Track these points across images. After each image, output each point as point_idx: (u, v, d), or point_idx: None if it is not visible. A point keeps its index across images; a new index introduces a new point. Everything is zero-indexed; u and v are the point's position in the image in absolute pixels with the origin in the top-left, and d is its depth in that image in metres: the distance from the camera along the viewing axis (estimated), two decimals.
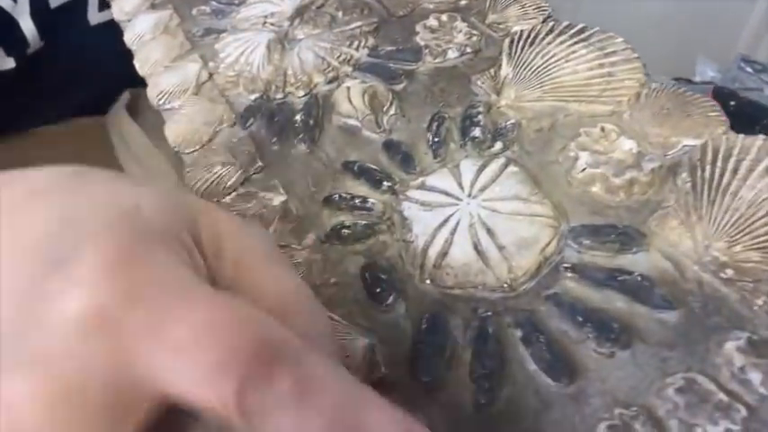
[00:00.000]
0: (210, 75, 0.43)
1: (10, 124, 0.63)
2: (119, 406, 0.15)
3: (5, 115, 0.61)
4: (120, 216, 0.17)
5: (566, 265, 0.27)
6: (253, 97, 0.40)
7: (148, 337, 0.15)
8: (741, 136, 0.29)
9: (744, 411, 0.22)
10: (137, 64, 0.46)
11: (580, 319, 0.25)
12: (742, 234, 0.26)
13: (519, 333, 0.26)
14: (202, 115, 0.40)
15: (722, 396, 0.22)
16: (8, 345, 0.15)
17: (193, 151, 0.39)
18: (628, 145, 0.30)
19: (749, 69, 0.92)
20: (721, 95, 0.73)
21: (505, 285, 0.27)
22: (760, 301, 0.25)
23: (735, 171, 0.28)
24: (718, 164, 0.29)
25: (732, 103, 0.70)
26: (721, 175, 0.28)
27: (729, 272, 0.26)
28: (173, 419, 0.17)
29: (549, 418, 0.24)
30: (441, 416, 0.25)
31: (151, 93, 0.43)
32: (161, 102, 0.42)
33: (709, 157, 0.29)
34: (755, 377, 0.23)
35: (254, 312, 0.16)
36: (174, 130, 0.40)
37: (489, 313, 0.27)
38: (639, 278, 0.26)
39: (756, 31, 1.04)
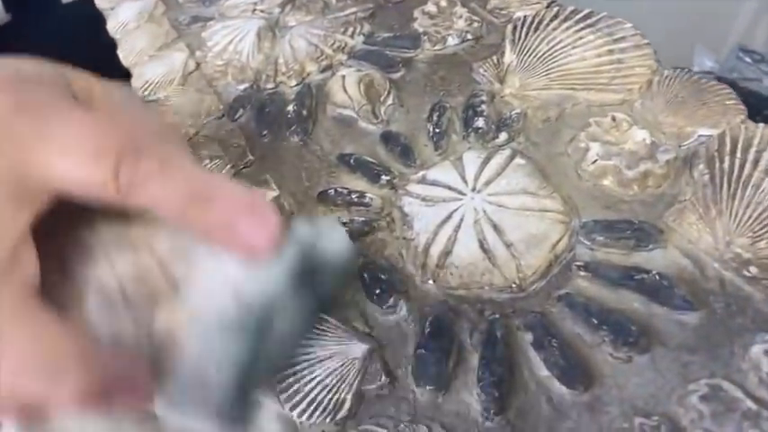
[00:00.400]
0: (198, 64, 0.41)
1: None
2: (15, 197, 0.19)
3: None
4: (2, 71, 0.21)
5: (578, 263, 0.26)
6: (242, 87, 0.38)
7: (37, 140, 0.19)
8: (761, 125, 0.28)
9: None
10: (120, 54, 0.44)
11: (595, 321, 0.24)
12: (767, 229, 0.24)
13: (529, 337, 0.24)
14: (189, 106, 0.38)
15: (750, 404, 0.21)
16: None
17: None
18: (640, 135, 0.29)
19: (748, 59, 0.91)
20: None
21: (514, 285, 0.26)
22: None
23: (756, 162, 0.26)
24: (738, 155, 0.27)
25: None
26: (741, 167, 0.27)
27: (753, 269, 0.24)
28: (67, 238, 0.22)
29: (564, 427, 0.22)
30: (447, 427, 0.23)
31: (136, 83, 0.41)
32: (146, 93, 0.40)
33: (728, 147, 0.27)
34: None
35: (121, 121, 0.22)
36: None
37: (497, 315, 0.25)
38: (657, 277, 0.24)
39: (751, 20, 1.03)
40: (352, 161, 0.32)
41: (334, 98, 0.35)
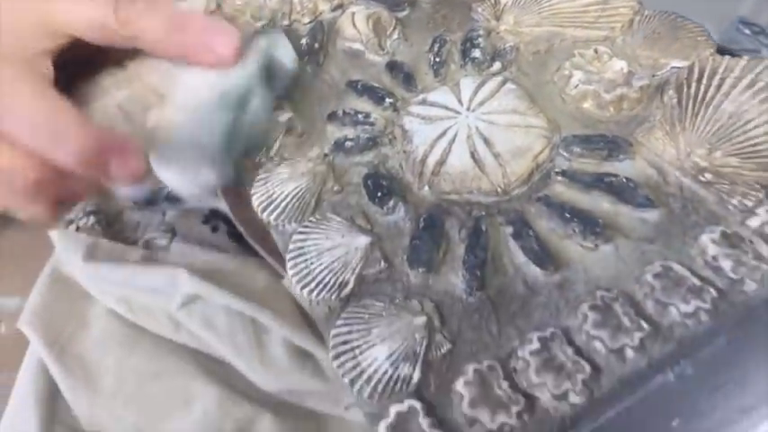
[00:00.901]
0: (219, 4, 0.44)
1: None
2: (42, 33, 0.27)
3: None
4: None
5: (556, 170, 0.29)
6: (259, 24, 0.42)
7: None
8: (727, 57, 0.31)
9: (714, 293, 0.24)
10: None
11: (567, 215, 0.27)
12: (722, 141, 0.28)
13: (509, 230, 0.28)
14: None
15: (695, 281, 0.24)
16: None
17: None
18: (619, 65, 0.32)
19: (747, 31, 0.93)
20: (719, 53, 0.73)
21: (499, 189, 0.29)
22: (735, 201, 0.26)
23: (719, 87, 0.30)
24: (704, 81, 0.30)
25: None
26: (705, 91, 0.30)
27: (708, 176, 0.27)
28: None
29: (536, 302, 0.26)
30: (435, 302, 0.27)
31: None
32: None
33: (696, 75, 0.30)
34: (726, 264, 0.25)
35: None
36: None
37: (483, 214, 0.29)
38: (625, 179, 0.28)
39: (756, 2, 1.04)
40: (359, 86, 0.35)
41: (344, 33, 0.38)
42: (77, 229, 0.53)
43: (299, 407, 0.42)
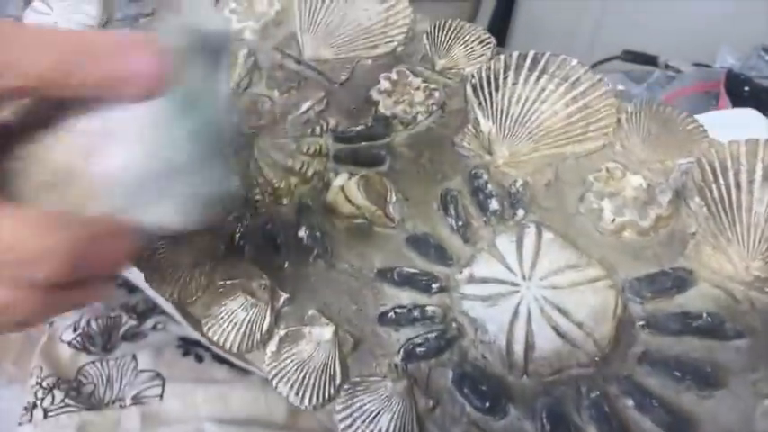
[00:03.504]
0: None
1: None
2: None
3: None
4: None
5: (640, 323, 0.31)
6: (231, 218, 0.38)
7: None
8: (726, 144, 0.33)
9: None
10: None
11: (677, 374, 0.29)
12: None
13: (630, 402, 0.29)
14: None
15: None
16: None
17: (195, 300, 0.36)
18: (636, 181, 0.33)
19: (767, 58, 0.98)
20: (736, 81, 0.76)
21: (597, 359, 0.30)
22: None
23: (738, 186, 0.32)
24: (721, 181, 0.32)
25: (746, 88, 0.74)
26: (729, 194, 0.32)
27: None
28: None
29: None
30: None
31: None
32: None
33: (710, 175, 0.32)
34: None
35: None
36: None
37: (598, 393, 0.30)
38: (709, 318, 0.30)
39: None
40: (395, 276, 0.34)
41: (341, 210, 0.36)
42: (44, 411, 0.49)
43: None
